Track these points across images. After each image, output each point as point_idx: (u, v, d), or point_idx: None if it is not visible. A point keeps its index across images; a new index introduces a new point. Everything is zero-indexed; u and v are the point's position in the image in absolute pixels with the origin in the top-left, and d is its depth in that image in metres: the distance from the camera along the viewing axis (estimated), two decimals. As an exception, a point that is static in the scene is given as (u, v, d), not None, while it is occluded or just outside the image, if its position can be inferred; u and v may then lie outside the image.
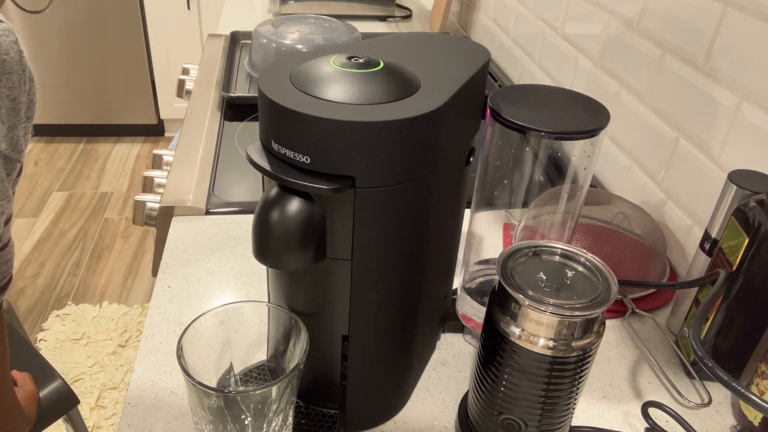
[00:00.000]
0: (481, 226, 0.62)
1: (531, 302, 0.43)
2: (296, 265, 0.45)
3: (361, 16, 1.76)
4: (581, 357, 0.45)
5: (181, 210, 0.85)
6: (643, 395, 0.62)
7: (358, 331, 0.51)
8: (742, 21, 0.67)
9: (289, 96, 0.42)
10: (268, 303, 0.50)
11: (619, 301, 0.72)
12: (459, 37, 0.59)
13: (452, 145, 0.49)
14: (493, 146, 0.56)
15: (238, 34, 1.46)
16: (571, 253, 0.48)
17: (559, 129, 0.50)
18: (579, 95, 0.56)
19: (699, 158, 0.75)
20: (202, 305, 0.70)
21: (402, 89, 0.44)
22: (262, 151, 0.45)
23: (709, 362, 0.46)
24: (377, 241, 0.46)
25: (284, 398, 0.46)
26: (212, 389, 0.43)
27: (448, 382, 0.62)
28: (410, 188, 0.45)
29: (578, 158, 0.56)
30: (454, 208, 0.56)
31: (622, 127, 0.91)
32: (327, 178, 0.42)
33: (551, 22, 1.14)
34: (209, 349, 0.49)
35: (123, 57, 2.77)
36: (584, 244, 0.72)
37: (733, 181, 0.60)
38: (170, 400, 0.58)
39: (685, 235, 0.78)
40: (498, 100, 0.53)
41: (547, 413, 0.48)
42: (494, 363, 0.48)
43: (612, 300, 0.43)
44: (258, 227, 0.44)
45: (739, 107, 0.68)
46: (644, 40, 0.85)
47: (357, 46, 0.53)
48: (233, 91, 1.23)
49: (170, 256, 0.77)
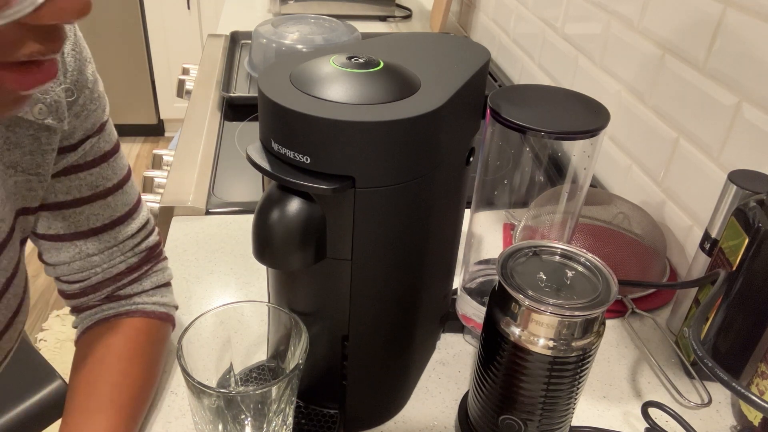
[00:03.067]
0: (481, 226, 0.62)
1: (531, 302, 0.43)
2: (296, 265, 0.45)
3: (361, 16, 1.76)
4: (581, 357, 0.45)
5: (181, 210, 0.85)
6: (643, 395, 0.62)
7: (358, 331, 0.51)
8: (742, 21, 0.67)
9: (289, 96, 0.42)
10: (268, 303, 0.50)
11: (619, 301, 0.72)
12: (459, 37, 0.59)
13: (452, 145, 0.49)
14: (493, 146, 0.56)
15: (238, 34, 1.46)
16: (571, 253, 0.48)
17: (559, 129, 0.50)
18: (579, 95, 0.56)
19: (699, 158, 0.75)
20: (202, 305, 0.70)
21: (402, 89, 0.44)
22: (262, 151, 0.45)
23: (709, 362, 0.46)
24: (377, 241, 0.46)
25: (284, 398, 0.46)
26: (212, 389, 0.43)
27: (448, 382, 0.62)
28: (410, 188, 0.45)
29: (578, 158, 0.56)
30: (454, 208, 0.56)
31: (622, 127, 0.91)
32: (327, 178, 0.42)
33: (551, 22, 1.14)
34: (209, 349, 0.49)
35: (123, 57, 2.77)
36: (584, 244, 0.72)
37: (733, 181, 0.60)
38: (170, 400, 0.58)
39: (685, 235, 0.78)
40: (498, 100, 0.53)
41: (547, 413, 0.48)
42: (494, 363, 0.48)
43: (612, 300, 0.43)
44: (258, 227, 0.44)
45: (739, 107, 0.68)
46: (644, 40, 0.85)
47: (357, 46, 0.53)
48: (233, 91, 1.23)
49: (170, 256, 0.77)
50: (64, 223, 0.53)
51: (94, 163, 0.53)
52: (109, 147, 0.54)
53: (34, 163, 0.48)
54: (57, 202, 0.52)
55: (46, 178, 0.50)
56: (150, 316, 0.58)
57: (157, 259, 0.60)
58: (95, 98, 0.52)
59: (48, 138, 0.48)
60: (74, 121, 0.50)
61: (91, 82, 0.51)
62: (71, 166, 0.52)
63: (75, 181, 0.52)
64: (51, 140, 0.49)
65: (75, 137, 0.51)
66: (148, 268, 0.59)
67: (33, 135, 0.47)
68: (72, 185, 0.52)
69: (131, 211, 0.57)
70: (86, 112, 0.51)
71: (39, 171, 0.49)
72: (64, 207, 0.53)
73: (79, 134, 0.51)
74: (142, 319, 0.58)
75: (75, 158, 0.52)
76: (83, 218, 0.54)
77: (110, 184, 0.55)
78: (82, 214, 0.53)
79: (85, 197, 0.53)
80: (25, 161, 0.48)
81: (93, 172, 0.53)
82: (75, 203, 0.53)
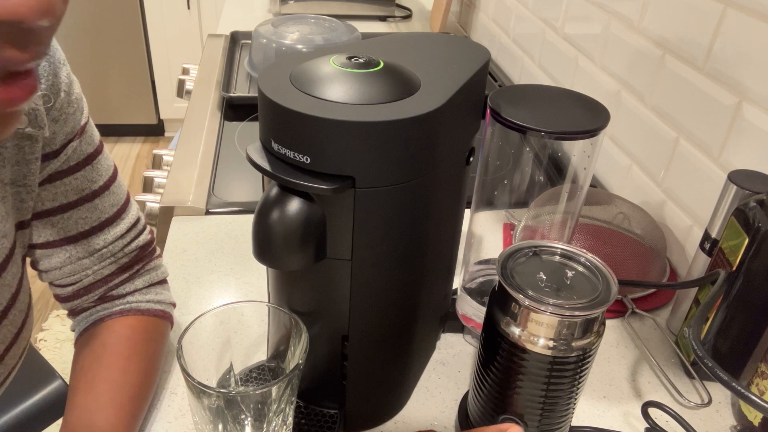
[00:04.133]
0: (481, 226, 0.62)
1: (531, 302, 0.43)
2: (296, 265, 0.45)
3: (361, 16, 1.76)
4: (581, 357, 0.45)
5: (181, 210, 0.85)
6: (643, 395, 0.62)
7: (358, 331, 0.51)
8: (742, 21, 0.67)
9: (289, 96, 0.42)
10: (268, 303, 0.50)
11: (619, 301, 0.72)
12: (459, 37, 0.59)
13: (452, 145, 0.49)
14: (493, 146, 0.56)
15: (238, 34, 1.46)
16: (571, 253, 0.48)
17: (559, 129, 0.50)
18: (579, 95, 0.56)
19: (699, 158, 0.75)
20: (202, 305, 0.70)
21: (402, 89, 0.44)
22: (262, 151, 0.45)
23: (709, 362, 0.46)
24: (377, 241, 0.46)
25: (284, 398, 0.46)
26: (212, 389, 0.43)
27: (448, 382, 0.62)
28: (410, 188, 0.45)
29: (578, 158, 0.56)
30: (454, 208, 0.56)
31: (622, 127, 0.91)
32: (327, 178, 0.42)
33: (551, 22, 1.14)
34: (209, 349, 0.49)
35: (123, 57, 2.77)
36: (584, 244, 0.72)
37: (733, 181, 0.60)
38: (170, 400, 0.58)
39: (685, 235, 0.78)
40: (498, 100, 0.53)
41: (547, 413, 0.48)
42: (494, 363, 0.48)
43: (612, 300, 0.43)
44: (258, 227, 0.44)
45: (739, 107, 0.68)
46: (644, 40, 0.85)
47: (357, 46, 0.53)
48: (233, 91, 1.23)
49: (170, 256, 0.77)
50: (53, 230, 0.53)
51: (77, 167, 0.52)
52: (91, 149, 0.53)
53: (21, 174, 0.48)
54: (44, 210, 0.52)
55: (33, 188, 0.49)
56: (145, 314, 0.58)
57: (149, 257, 0.60)
58: (72, 101, 0.50)
59: (31, 147, 0.47)
60: (53, 126, 0.49)
61: (66, 85, 0.49)
62: (56, 173, 0.51)
63: (60, 187, 0.52)
64: (34, 149, 0.48)
65: (56, 143, 0.50)
66: (140, 267, 0.59)
67: (17, 145, 0.47)
68: (58, 192, 0.52)
69: (120, 211, 0.56)
70: (64, 116, 0.50)
71: (26, 182, 0.48)
72: (51, 214, 0.52)
73: (60, 139, 0.50)
74: (138, 317, 0.58)
75: (58, 164, 0.51)
76: (71, 223, 0.53)
77: (96, 186, 0.54)
78: (70, 219, 0.53)
79: (72, 202, 0.53)
80: (13, 173, 0.47)
81: (78, 176, 0.52)
82: (62, 209, 0.52)
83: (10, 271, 0.48)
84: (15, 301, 0.50)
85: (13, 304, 0.49)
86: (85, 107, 0.53)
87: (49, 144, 0.49)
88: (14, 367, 0.54)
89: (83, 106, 0.53)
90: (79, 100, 0.52)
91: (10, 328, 0.50)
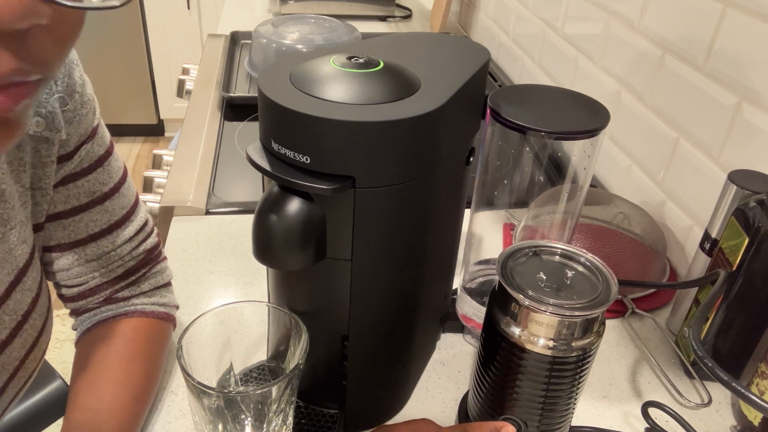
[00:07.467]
0: (481, 226, 0.62)
1: (531, 302, 0.43)
2: (296, 265, 0.45)
3: (361, 16, 1.76)
4: (581, 357, 0.45)
5: (181, 210, 0.85)
6: (643, 395, 0.62)
7: (358, 331, 0.51)
8: (742, 21, 0.67)
9: (289, 96, 0.42)
10: (268, 303, 0.50)
11: (619, 301, 0.72)
12: (459, 37, 0.59)
13: (452, 145, 0.49)
14: (493, 146, 0.56)
15: (238, 34, 1.46)
16: (571, 253, 0.48)
17: (559, 129, 0.50)
18: (579, 95, 0.56)
19: (699, 158, 0.75)
20: (202, 305, 0.70)
21: (402, 89, 0.44)
22: (262, 151, 0.45)
23: (709, 362, 0.46)
24: (377, 241, 0.46)
25: (284, 398, 0.46)
26: (212, 389, 0.43)
27: (448, 382, 0.62)
28: (410, 188, 0.45)
29: (578, 158, 0.56)
30: (454, 208, 0.56)
31: (622, 127, 0.91)
32: (327, 178, 0.42)
33: (551, 22, 1.14)
34: (209, 349, 0.49)
35: (123, 57, 2.77)
36: (584, 244, 0.72)
37: (733, 181, 0.60)
38: (170, 400, 0.58)
39: (685, 235, 0.78)
40: (498, 100, 0.53)
41: (547, 413, 0.48)
42: (494, 363, 0.48)
43: (612, 300, 0.43)
44: (258, 227, 0.44)
45: (739, 107, 0.68)
46: (644, 40, 0.85)
47: (357, 46, 0.53)
48: (233, 91, 1.23)
49: (170, 256, 0.77)
50: (64, 232, 0.52)
51: (89, 170, 0.52)
52: (102, 151, 0.53)
53: (37, 177, 0.48)
54: (55, 213, 0.52)
55: (48, 191, 0.49)
56: (149, 316, 0.58)
57: (155, 260, 0.60)
58: (85, 102, 0.50)
59: (47, 150, 0.47)
60: (67, 128, 0.49)
61: (80, 86, 0.49)
62: (68, 175, 0.51)
63: (73, 189, 0.51)
64: (50, 152, 0.48)
65: (70, 145, 0.50)
66: (146, 270, 0.59)
67: (34, 148, 0.47)
68: (70, 194, 0.51)
69: (129, 213, 0.56)
70: (78, 117, 0.49)
71: (41, 185, 0.48)
72: (62, 217, 0.52)
73: (74, 141, 0.50)
74: (141, 319, 0.58)
75: (72, 167, 0.51)
76: (82, 225, 0.53)
77: (107, 188, 0.54)
78: (80, 222, 0.53)
79: (84, 204, 0.52)
80: (31, 176, 0.47)
81: (90, 178, 0.52)
82: (73, 212, 0.52)
83: (30, 276, 0.48)
84: (35, 305, 0.50)
85: (34, 308, 0.49)
86: (97, 108, 0.53)
87: (63, 146, 0.49)
88: (34, 371, 0.53)
89: (95, 107, 0.52)
90: (92, 100, 0.52)
91: (31, 332, 0.50)
